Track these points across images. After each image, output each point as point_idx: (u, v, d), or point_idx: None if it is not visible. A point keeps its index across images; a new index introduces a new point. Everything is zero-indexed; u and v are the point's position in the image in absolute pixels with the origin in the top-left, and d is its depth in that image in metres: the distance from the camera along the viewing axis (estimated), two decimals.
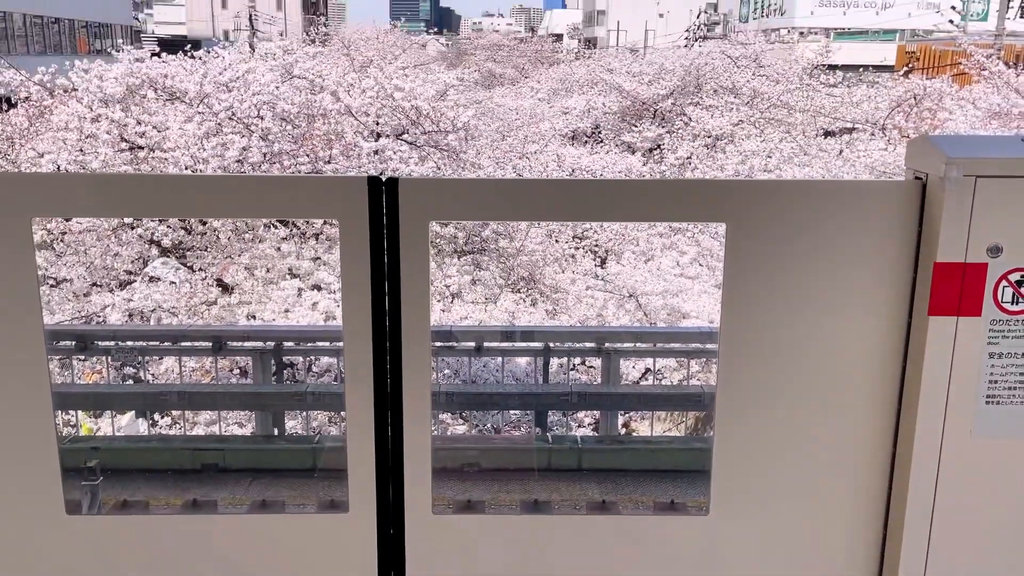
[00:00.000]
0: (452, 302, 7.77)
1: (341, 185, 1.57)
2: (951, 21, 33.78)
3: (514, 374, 5.70)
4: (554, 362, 5.44)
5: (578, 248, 10.67)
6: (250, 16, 38.34)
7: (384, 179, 1.57)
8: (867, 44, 37.98)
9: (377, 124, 9.13)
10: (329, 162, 8.59)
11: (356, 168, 8.52)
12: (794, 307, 1.70)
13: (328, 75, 9.98)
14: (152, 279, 7.83)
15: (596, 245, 10.96)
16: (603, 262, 11.00)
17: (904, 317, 1.62)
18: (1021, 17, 32.48)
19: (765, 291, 1.69)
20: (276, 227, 8.30)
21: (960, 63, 13.95)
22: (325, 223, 8.53)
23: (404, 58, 23.84)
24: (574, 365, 5.99)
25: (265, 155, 8.17)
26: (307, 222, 8.53)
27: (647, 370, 6.83)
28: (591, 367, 6.26)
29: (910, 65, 19.94)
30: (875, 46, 37.24)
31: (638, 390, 5.78)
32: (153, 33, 74.44)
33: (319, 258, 7.87)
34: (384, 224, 1.54)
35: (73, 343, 4.95)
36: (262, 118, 8.17)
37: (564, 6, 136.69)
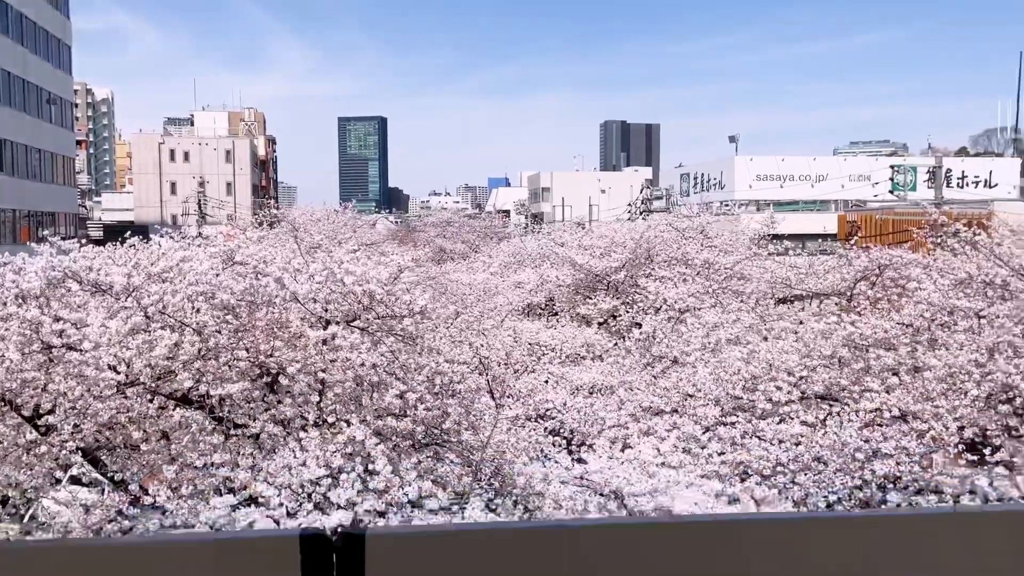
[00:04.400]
0: (412, 512, 6.79)
1: (258, 551, 0.78)
2: (891, 191, 35.65)
3: None
4: None
5: (551, 434, 9.83)
6: (199, 201, 38.44)
7: (338, 533, 0.78)
8: (807, 215, 39.73)
9: (326, 311, 8.43)
10: (271, 355, 7.79)
11: (301, 360, 7.72)
12: None
13: (274, 260, 9.38)
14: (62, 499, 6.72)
15: (570, 432, 10.16)
16: (578, 446, 10.17)
17: None
18: (947, 187, 34.45)
19: None
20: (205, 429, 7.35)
21: (909, 230, 14.08)
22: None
23: (355, 238, 23.71)
24: None
25: (199, 351, 7.35)
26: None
27: None
28: None
29: (853, 233, 20.45)
30: (815, 216, 38.92)
31: None
32: (100, 220, 74.66)
33: (258, 467, 6.89)
34: None
35: None
36: (198, 310, 7.42)
37: (508, 184, 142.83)
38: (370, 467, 7.19)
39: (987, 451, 7.33)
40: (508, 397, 12.31)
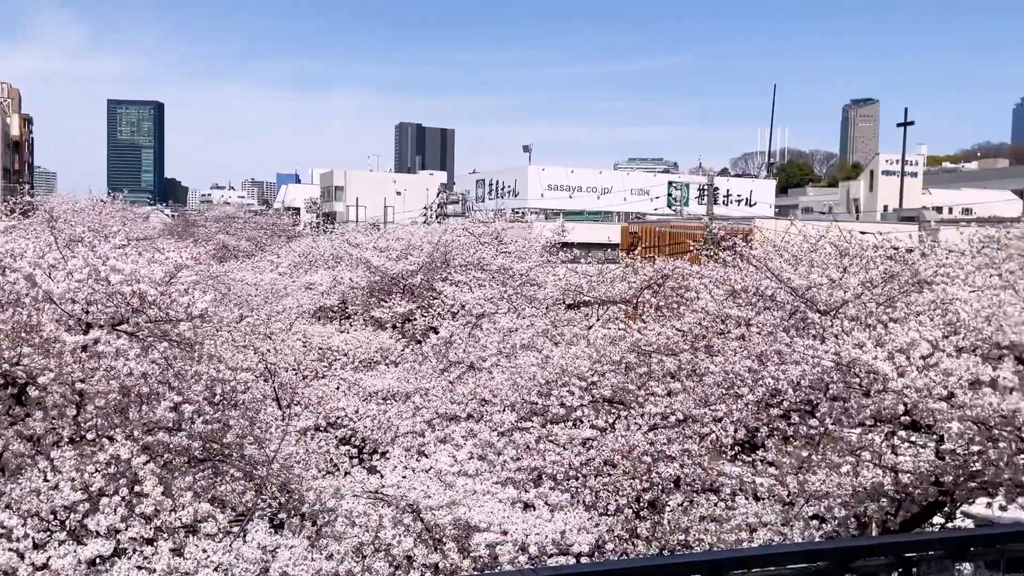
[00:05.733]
0: (186, 537, 6.13)
1: None
2: (668, 205, 38.37)
3: None
4: None
5: (342, 443, 9.40)
6: None
7: None
8: (593, 225, 41.76)
9: (87, 313, 7.47)
10: (18, 363, 6.76)
11: (56, 369, 6.76)
12: None
13: (24, 253, 8.19)
14: None
15: (362, 441, 9.77)
16: (370, 455, 9.80)
17: None
18: (715, 203, 37.67)
19: None
20: None
21: (685, 242, 15.03)
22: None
23: (124, 232, 21.64)
24: None
25: None
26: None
27: None
28: None
29: (635, 244, 21.67)
30: (600, 226, 40.97)
31: None
32: None
33: None
34: None
35: None
36: None
37: (299, 180, 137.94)
38: (137, 488, 6.44)
39: (758, 451, 7.89)
40: (297, 405, 11.67)
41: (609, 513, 7.78)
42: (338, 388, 12.83)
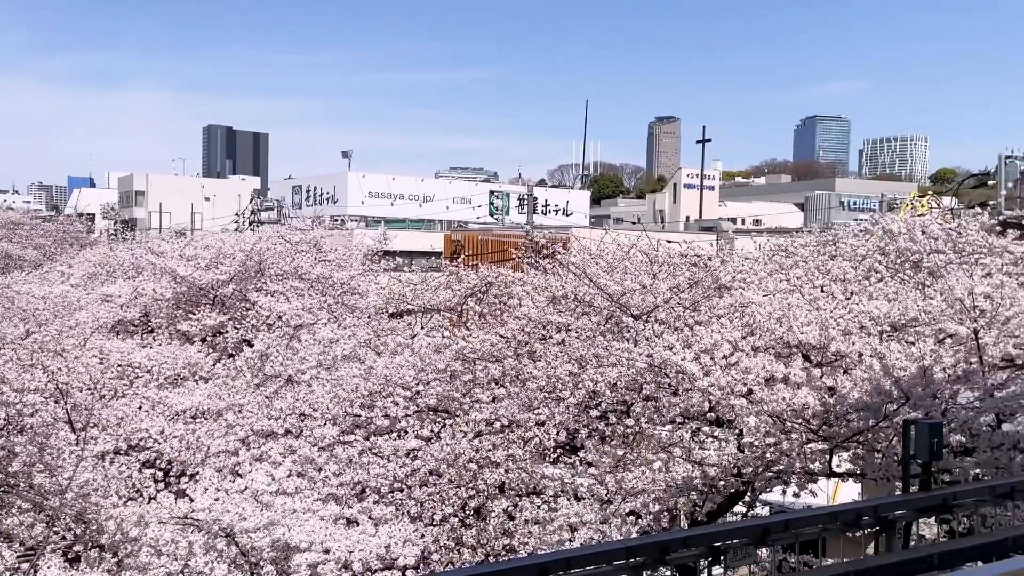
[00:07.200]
0: None
1: None
2: (490, 214, 39.02)
3: None
4: None
5: (146, 466, 8.71)
6: None
7: None
8: (416, 233, 41.64)
9: None
10: None
11: None
12: None
13: None
14: None
15: (168, 463, 9.11)
16: (178, 478, 9.16)
17: None
18: (535, 213, 38.92)
19: None
20: None
21: (508, 250, 15.33)
22: None
23: None
24: None
25: None
26: None
27: None
28: None
29: (458, 252, 21.83)
30: (423, 234, 40.92)
31: None
32: None
33: None
34: None
35: None
36: None
37: (93, 184, 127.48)
38: None
39: (579, 452, 8.13)
40: (94, 428, 10.73)
41: (435, 523, 7.72)
42: (141, 407, 11.94)
